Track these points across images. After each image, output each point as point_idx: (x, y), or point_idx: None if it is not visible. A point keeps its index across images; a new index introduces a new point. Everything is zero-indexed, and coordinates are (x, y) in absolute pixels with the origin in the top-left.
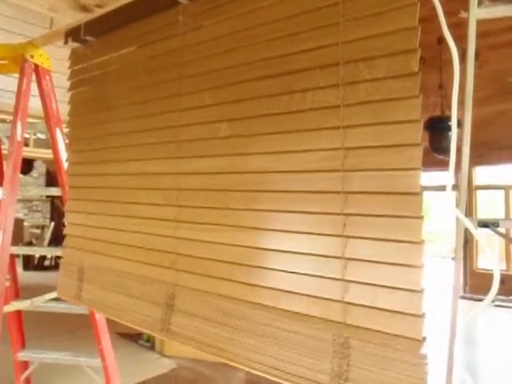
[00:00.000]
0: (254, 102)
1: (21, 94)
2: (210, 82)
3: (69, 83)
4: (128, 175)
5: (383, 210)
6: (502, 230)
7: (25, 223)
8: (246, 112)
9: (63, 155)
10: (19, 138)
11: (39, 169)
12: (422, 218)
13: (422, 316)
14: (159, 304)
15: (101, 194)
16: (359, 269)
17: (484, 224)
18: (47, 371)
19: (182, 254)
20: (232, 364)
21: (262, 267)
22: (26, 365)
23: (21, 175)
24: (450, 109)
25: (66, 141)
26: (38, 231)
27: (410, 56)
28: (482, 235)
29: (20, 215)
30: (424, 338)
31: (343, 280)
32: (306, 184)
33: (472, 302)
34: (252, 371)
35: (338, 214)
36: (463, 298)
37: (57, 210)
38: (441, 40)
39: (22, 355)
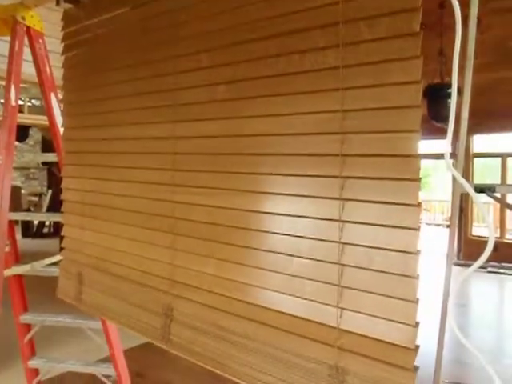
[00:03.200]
0: (251, 63)
1: (13, 57)
2: (206, 44)
3: (62, 47)
4: (124, 139)
5: (381, 172)
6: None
7: (22, 191)
8: (243, 74)
9: (59, 120)
10: (13, 103)
11: (35, 136)
12: (419, 180)
13: (416, 277)
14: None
15: (97, 158)
16: (356, 231)
17: (480, 189)
18: (50, 333)
19: (179, 218)
20: (230, 378)
21: (259, 230)
22: (28, 327)
23: (16, 143)
24: (449, 75)
25: (61, 106)
26: (35, 199)
27: (412, 15)
28: (479, 199)
29: (17, 183)
30: (417, 299)
31: (340, 242)
32: (304, 147)
33: (465, 268)
34: None
35: (336, 176)
36: (457, 264)
37: (54, 178)
38: (442, 5)
39: (25, 318)
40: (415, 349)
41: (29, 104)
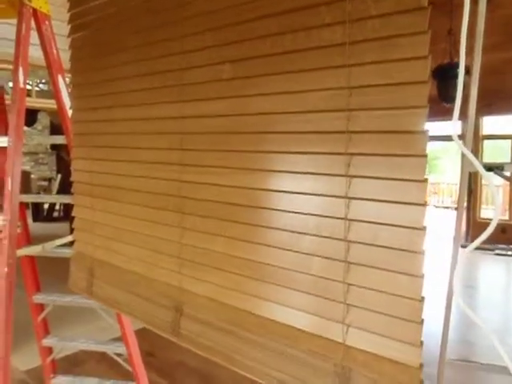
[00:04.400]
0: (257, 41)
1: (20, 40)
2: (211, 23)
3: (68, 30)
4: (132, 120)
5: (387, 148)
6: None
7: (32, 176)
8: (249, 52)
9: (67, 102)
10: (22, 85)
11: (43, 121)
12: (425, 156)
13: (422, 253)
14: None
15: (106, 139)
16: (362, 207)
17: (489, 168)
18: (63, 314)
19: (187, 197)
20: (239, 371)
21: (267, 208)
22: (41, 307)
23: (25, 127)
24: (459, 56)
25: (69, 88)
26: (45, 183)
27: None
28: (488, 177)
29: (27, 168)
30: (423, 274)
31: (346, 219)
32: (311, 124)
33: (473, 250)
34: (259, 381)
35: (343, 153)
36: (464, 246)
37: (63, 162)
38: None
39: (37, 298)
40: (421, 323)
41: (37, 89)
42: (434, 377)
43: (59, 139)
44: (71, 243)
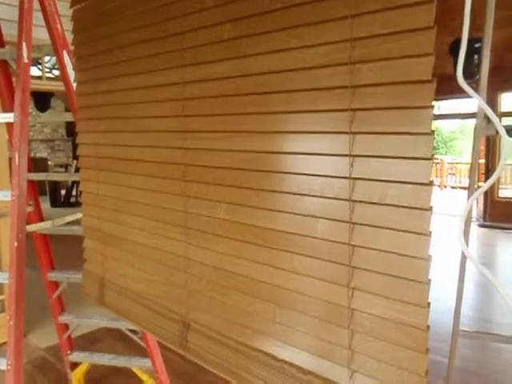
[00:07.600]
0: None
1: (23, 15)
2: None
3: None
4: (134, 89)
5: (392, 101)
6: None
7: (49, 162)
8: (248, 10)
9: (72, 78)
10: (26, 60)
11: (58, 108)
12: (432, 107)
13: (429, 209)
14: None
15: (109, 110)
16: (367, 165)
17: (507, 130)
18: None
19: (191, 165)
20: None
21: (271, 171)
22: (56, 285)
23: (40, 113)
24: (477, 31)
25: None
26: (62, 169)
27: None
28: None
29: (44, 155)
30: (430, 232)
31: (350, 178)
32: (312, 81)
33: (491, 229)
34: None
35: (346, 109)
36: (482, 226)
37: None
38: None
39: (52, 276)
40: (428, 283)
41: (50, 75)
42: (447, 352)
43: (68, 116)
44: None
